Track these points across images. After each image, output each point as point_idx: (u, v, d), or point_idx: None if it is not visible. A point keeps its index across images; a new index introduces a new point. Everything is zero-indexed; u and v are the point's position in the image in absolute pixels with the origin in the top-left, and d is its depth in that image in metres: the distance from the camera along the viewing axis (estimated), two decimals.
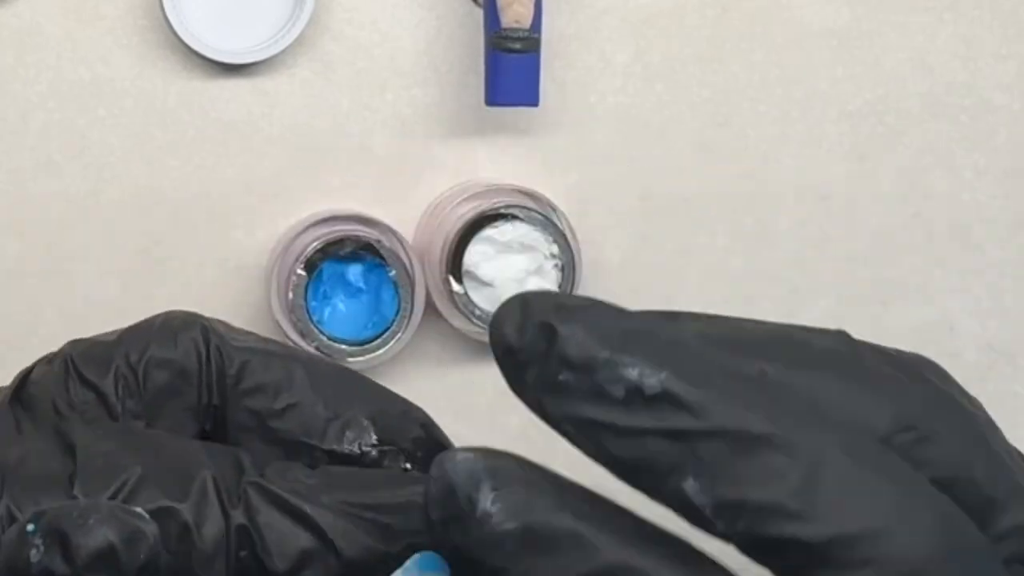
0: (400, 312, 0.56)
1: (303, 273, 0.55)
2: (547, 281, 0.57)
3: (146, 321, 0.38)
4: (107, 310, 0.58)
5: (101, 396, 0.35)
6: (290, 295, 0.54)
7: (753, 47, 0.60)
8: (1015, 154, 0.62)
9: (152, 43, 0.58)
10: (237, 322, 0.49)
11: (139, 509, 0.30)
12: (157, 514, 0.30)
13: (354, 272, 0.56)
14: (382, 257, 0.56)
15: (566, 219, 0.58)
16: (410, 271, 0.56)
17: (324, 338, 0.56)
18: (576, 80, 0.60)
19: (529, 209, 0.56)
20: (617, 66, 0.60)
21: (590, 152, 0.60)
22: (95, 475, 0.31)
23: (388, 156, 0.59)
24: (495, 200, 0.56)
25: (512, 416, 0.60)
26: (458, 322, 0.58)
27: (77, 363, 0.35)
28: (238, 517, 0.31)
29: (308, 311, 0.55)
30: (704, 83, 0.60)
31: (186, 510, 0.31)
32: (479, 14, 0.59)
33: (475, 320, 0.56)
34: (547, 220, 0.56)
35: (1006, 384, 0.63)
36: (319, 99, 0.58)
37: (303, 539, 0.31)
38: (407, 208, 0.59)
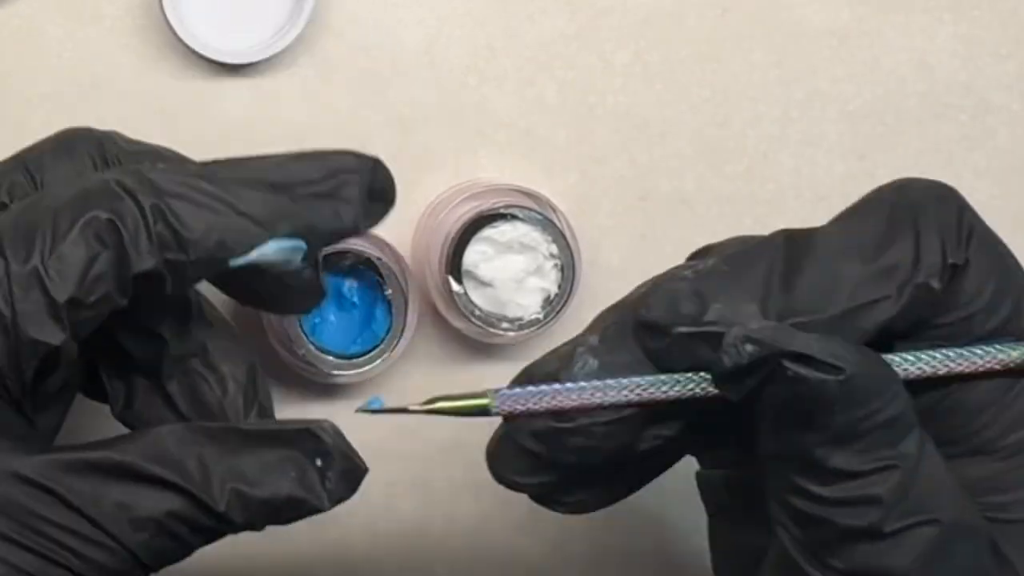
0: (391, 332, 0.56)
1: None
2: (547, 281, 0.57)
3: (43, 139, 0.39)
4: None
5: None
6: None
7: (753, 47, 0.60)
8: (1015, 154, 0.62)
9: (152, 43, 0.58)
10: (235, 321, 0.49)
11: None
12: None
13: (350, 286, 0.56)
14: (380, 275, 0.55)
15: (566, 219, 0.58)
16: (405, 292, 0.56)
17: (311, 346, 0.55)
18: (576, 80, 0.60)
19: (528, 209, 0.56)
20: (617, 66, 0.60)
21: (590, 152, 0.60)
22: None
23: (388, 156, 0.59)
24: (494, 200, 0.56)
25: None
26: (458, 322, 0.57)
27: None
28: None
29: (298, 318, 0.55)
30: (704, 83, 0.60)
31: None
32: (479, 13, 0.59)
33: (475, 320, 0.56)
34: (546, 220, 0.56)
35: None
36: (319, 99, 0.59)
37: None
38: (407, 208, 0.59)
